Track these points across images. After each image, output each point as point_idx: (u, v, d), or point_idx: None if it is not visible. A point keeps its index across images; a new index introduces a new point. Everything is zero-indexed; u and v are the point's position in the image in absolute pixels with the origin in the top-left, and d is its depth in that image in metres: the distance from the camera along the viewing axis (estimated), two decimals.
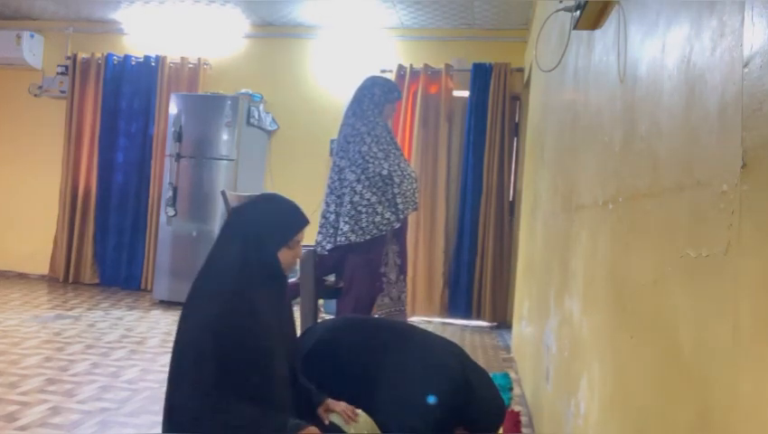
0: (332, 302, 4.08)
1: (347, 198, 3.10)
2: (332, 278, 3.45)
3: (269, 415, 1.59)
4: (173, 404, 1.55)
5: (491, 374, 3.55)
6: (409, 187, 3.18)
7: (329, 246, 3.16)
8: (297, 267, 3.56)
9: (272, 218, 1.69)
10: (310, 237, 3.85)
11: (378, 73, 5.50)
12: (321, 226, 3.25)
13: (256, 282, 1.61)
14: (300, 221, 1.73)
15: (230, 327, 1.54)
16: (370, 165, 3.09)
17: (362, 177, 3.08)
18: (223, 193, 3.76)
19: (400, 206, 3.13)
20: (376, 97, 3.22)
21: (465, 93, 5.42)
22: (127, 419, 2.56)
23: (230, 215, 1.70)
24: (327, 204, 3.24)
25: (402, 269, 3.30)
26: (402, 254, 3.30)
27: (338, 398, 1.83)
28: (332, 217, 3.18)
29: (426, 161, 5.42)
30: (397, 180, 3.13)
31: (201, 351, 1.52)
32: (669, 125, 1.09)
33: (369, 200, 3.07)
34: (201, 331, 1.53)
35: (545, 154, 3.08)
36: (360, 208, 3.06)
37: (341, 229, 3.08)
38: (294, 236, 1.69)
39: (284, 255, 1.67)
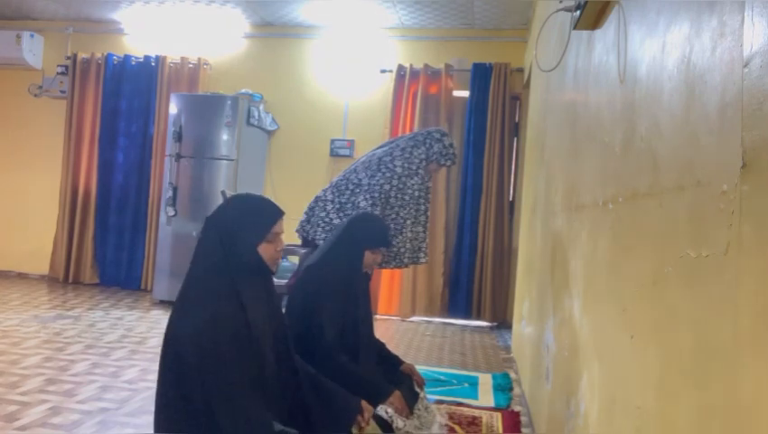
0: None
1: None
2: None
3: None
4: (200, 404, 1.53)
5: (490, 374, 3.56)
6: (399, 244, 3.22)
7: (320, 240, 3.19)
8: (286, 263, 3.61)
9: (245, 215, 1.72)
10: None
11: (377, 74, 5.52)
12: (310, 209, 3.30)
13: (240, 280, 1.64)
14: (272, 213, 1.75)
15: (222, 330, 1.57)
16: (378, 206, 3.15)
17: (369, 210, 3.15)
18: (223, 193, 3.77)
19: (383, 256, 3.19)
20: (432, 150, 3.24)
21: (465, 93, 5.42)
22: (127, 419, 2.56)
23: (206, 220, 1.73)
24: (325, 202, 3.27)
25: None
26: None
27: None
28: (325, 215, 3.22)
29: None
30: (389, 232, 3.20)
31: (199, 351, 1.53)
32: (670, 125, 1.09)
33: None
34: (193, 337, 1.55)
35: (545, 154, 3.08)
36: None
37: None
38: (269, 229, 1.71)
39: (265, 249, 1.69)
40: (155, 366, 3.28)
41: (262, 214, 1.73)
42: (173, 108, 5.32)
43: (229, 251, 1.64)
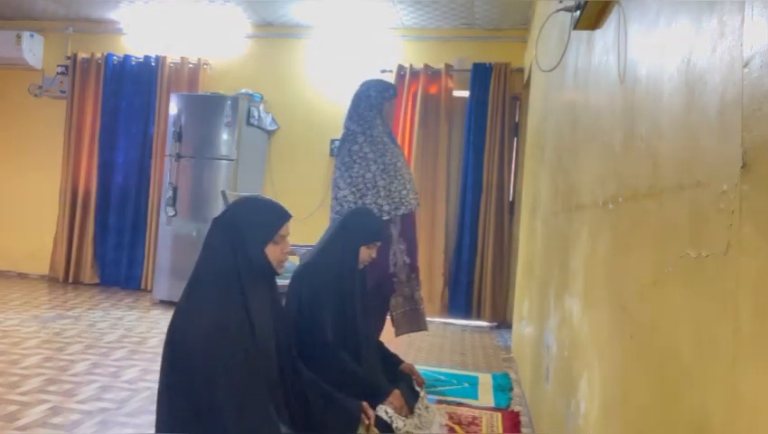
0: None
1: (335, 193, 3.16)
2: None
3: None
4: (207, 407, 1.53)
5: (490, 374, 3.57)
6: (399, 189, 3.15)
7: None
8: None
9: (253, 216, 1.73)
10: (310, 236, 3.86)
11: (378, 75, 5.51)
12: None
13: (247, 283, 1.63)
14: (281, 215, 1.76)
15: (229, 336, 1.56)
16: (356, 166, 3.11)
17: (346, 175, 3.12)
18: (223, 193, 3.77)
19: (385, 208, 3.10)
20: (372, 98, 3.24)
21: (465, 93, 5.42)
22: (127, 419, 2.56)
23: (214, 221, 1.72)
24: (332, 206, 3.27)
25: (412, 267, 3.26)
26: (411, 252, 3.26)
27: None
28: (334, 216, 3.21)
29: (426, 161, 5.42)
30: (381, 183, 3.11)
31: (207, 357, 1.52)
32: (669, 125, 1.09)
33: (348, 200, 3.09)
34: (200, 343, 1.53)
35: (545, 154, 3.08)
36: (347, 208, 3.07)
37: None
38: (277, 231, 1.72)
39: (271, 251, 1.70)
40: (155, 366, 3.30)
41: (270, 216, 1.74)
42: (173, 108, 5.32)
43: (236, 252, 1.64)
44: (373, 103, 3.23)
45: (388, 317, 3.18)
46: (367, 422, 1.91)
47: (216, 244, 1.67)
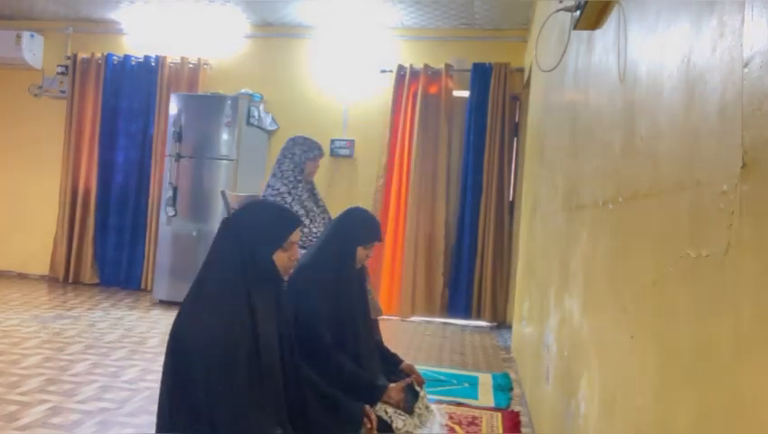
0: None
1: None
2: None
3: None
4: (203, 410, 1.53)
5: (490, 374, 3.57)
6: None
7: None
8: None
9: (263, 221, 1.72)
10: None
11: (378, 75, 5.51)
12: None
13: (253, 287, 1.63)
14: (291, 221, 1.75)
15: (233, 343, 1.55)
16: None
17: None
18: (223, 193, 3.77)
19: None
20: (296, 157, 3.35)
21: (465, 93, 5.42)
22: (127, 419, 2.56)
23: (223, 224, 1.72)
24: None
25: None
26: None
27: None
28: None
29: (426, 161, 5.42)
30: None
31: (208, 363, 1.51)
32: (669, 125, 1.09)
33: None
34: (203, 349, 1.53)
35: (545, 154, 3.08)
36: None
37: None
38: (287, 237, 1.70)
39: (279, 257, 1.69)
40: (155, 366, 3.31)
41: (280, 222, 1.72)
42: (173, 108, 5.32)
43: (244, 257, 1.62)
44: (296, 162, 3.35)
45: None
46: (369, 426, 1.90)
47: (224, 247, 1.66)
